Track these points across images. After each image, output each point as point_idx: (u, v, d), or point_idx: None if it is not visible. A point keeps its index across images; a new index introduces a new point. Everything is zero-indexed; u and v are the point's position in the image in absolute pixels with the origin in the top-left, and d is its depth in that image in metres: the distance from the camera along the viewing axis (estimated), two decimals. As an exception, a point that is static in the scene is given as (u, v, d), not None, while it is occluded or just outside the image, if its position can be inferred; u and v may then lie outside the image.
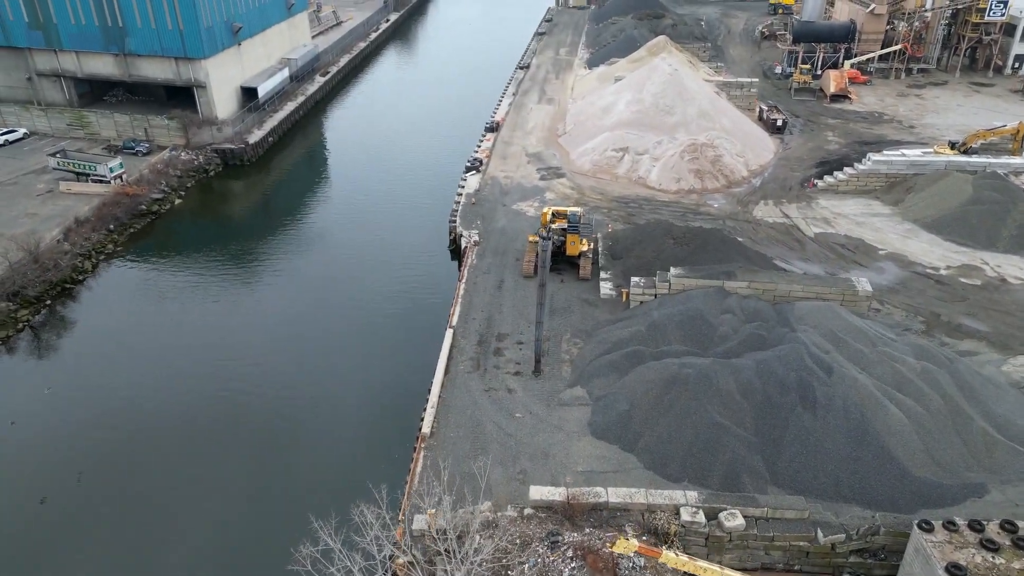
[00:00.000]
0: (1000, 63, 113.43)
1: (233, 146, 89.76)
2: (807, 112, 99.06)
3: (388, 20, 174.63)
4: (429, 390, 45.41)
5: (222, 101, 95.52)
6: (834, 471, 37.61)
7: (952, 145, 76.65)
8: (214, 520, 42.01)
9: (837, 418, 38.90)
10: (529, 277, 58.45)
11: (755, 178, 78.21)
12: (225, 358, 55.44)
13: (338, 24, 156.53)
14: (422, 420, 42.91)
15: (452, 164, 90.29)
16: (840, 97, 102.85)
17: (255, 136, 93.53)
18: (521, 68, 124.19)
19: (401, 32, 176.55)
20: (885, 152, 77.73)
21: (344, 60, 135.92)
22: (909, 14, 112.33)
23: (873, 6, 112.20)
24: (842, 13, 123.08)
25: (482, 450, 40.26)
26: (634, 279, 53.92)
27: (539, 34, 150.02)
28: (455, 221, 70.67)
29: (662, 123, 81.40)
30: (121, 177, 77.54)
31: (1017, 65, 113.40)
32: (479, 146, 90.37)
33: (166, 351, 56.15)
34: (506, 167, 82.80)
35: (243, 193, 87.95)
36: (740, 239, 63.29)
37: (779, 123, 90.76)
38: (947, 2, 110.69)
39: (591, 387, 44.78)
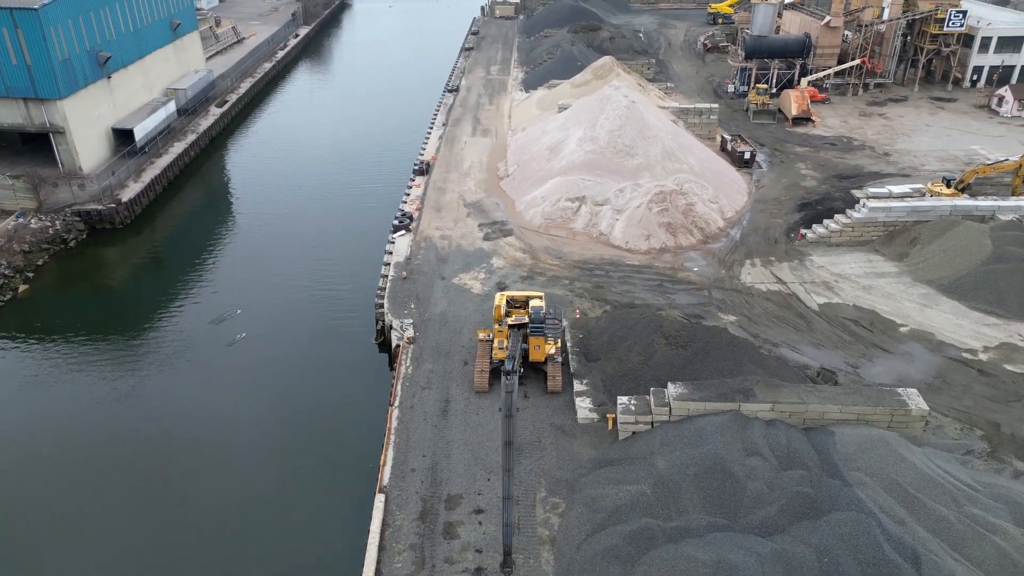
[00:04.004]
0: (959, 75, 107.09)
1: (100, 206, 72.47)
2: (770, 139, 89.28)
3: (297, 35, 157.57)
4: (355, 615, 31.65)
5: (88, 149, 78.16)
6: None
7: (947, 182, 67.63)
8: None
9: (948, 650, 27.31)
10: (482, 392, 45.28)
11: (733, 228, 67.11)
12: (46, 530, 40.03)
13: (239, 42, 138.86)
14: None
15: (377, 215, 76.05)
16: (802, 119, 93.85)
17: (131, 191, 76.35)
18: (450, 91, 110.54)
19: (313, 49, 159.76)
20: (871, 190, 68.06)
21: (246, 85, 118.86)
22: (866, 26, 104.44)
23: (829, 18, 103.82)
24: (793, 25, 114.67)
25: None
26: (622, 400, 41.39)
27: (466, 49, 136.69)
28: (382, 304, 56.67)
29: (622, 166, 69.41)
30: (-57, 261, 60.26)
31: (976, 77, 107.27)
32: (408, 193, 76.46)
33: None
34: (442, 223, 69.19)
35: (115, 265, 70.35)
36: (733, 319, 51.91)
37: (747, 156, 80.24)
38: (904, 12, 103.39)
39: (586, 592, 31.98)
